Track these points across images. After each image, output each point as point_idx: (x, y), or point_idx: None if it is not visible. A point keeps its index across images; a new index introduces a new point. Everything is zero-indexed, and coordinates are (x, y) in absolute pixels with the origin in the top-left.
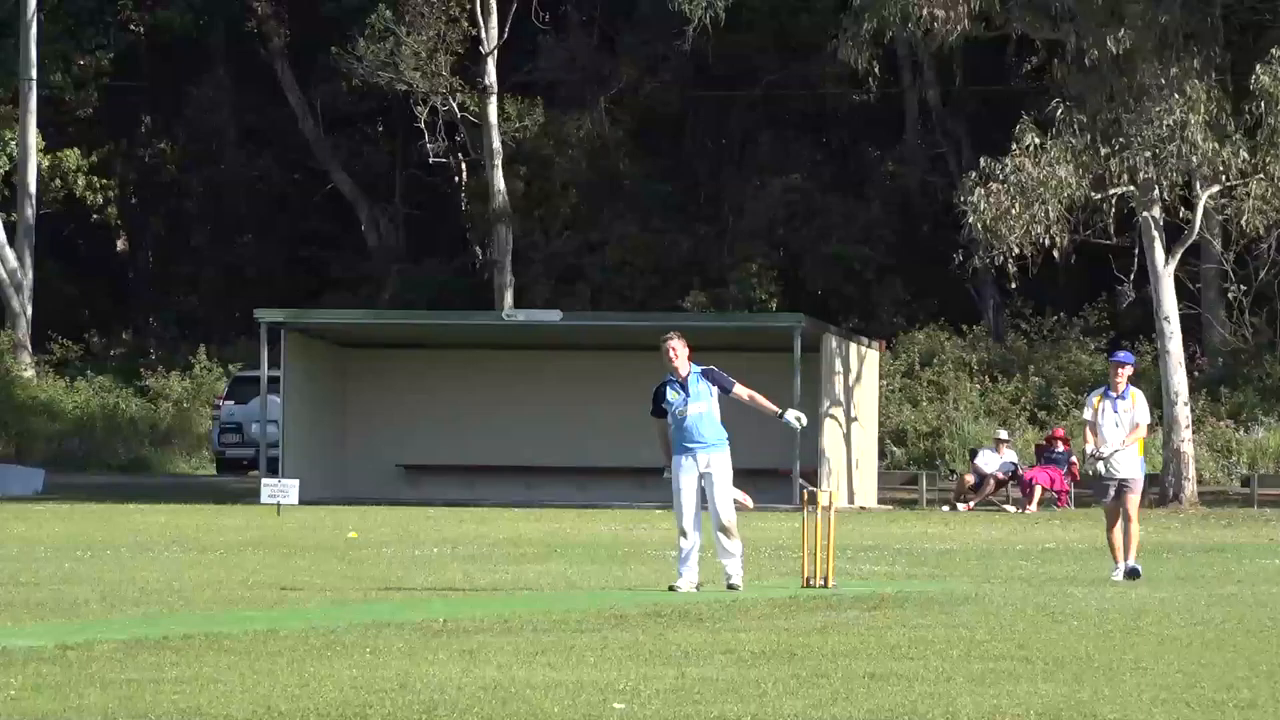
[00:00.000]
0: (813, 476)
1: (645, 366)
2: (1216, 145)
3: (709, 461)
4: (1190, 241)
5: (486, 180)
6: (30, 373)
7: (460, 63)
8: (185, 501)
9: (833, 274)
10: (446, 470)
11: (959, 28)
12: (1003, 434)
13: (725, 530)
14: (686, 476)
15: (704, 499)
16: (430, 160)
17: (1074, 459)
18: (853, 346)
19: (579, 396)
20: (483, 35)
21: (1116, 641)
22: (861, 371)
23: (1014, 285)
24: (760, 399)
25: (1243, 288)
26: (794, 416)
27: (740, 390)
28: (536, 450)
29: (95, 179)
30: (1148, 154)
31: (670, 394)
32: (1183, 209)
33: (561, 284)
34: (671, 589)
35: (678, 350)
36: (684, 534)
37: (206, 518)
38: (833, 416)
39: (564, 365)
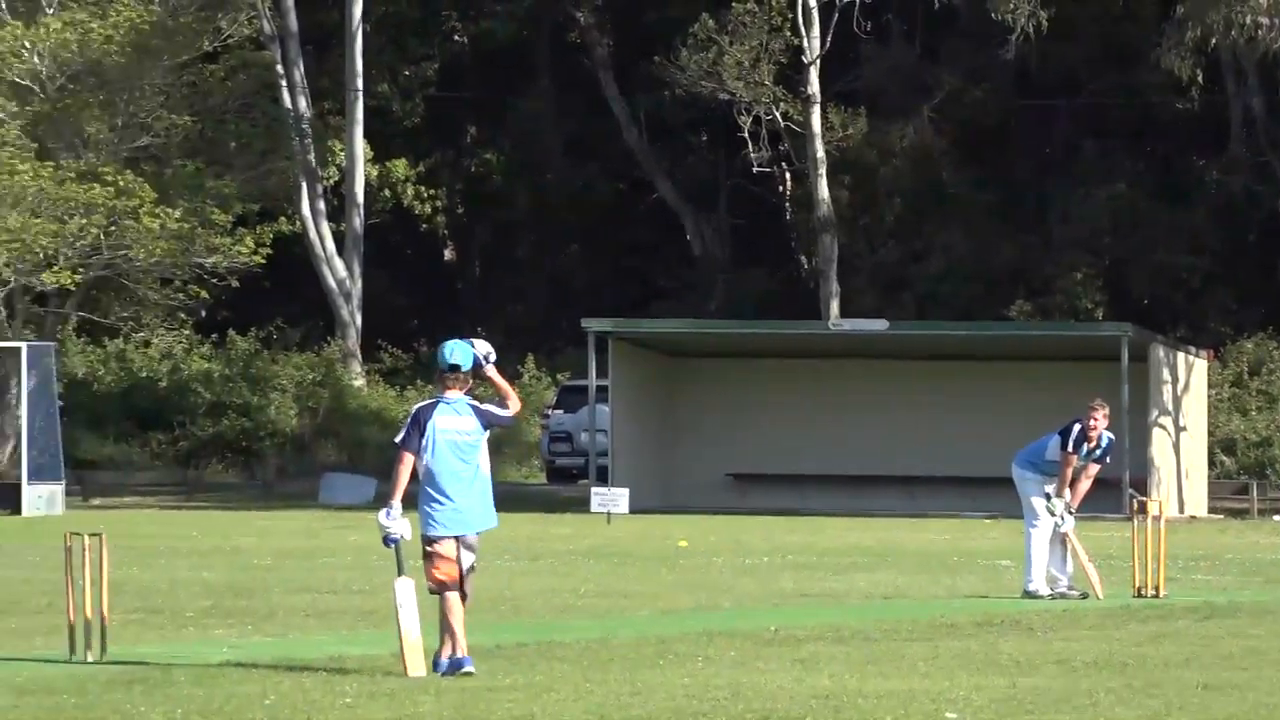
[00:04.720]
0: (1142, 486)
1: (972, 375)
2: None
3: None
4: None
5: (810, 189)
6: (360, 382)
7: (783, 72)
8: (516, 510)
9: (1159, 283)
10: (775, 480)
11: None
12: None
13: None
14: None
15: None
16: (754, 169)
17: None
18: (1180, 356)
19: (906, 406)
20: (805, 44)
21: None
22: (1189, 381)
23: None
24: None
25: None
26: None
27: None
28: (865, 460)
29: (422, 189)
30: None
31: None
32: None
33: (887, 293)
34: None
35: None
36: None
37: (537, 526)
38: (1161, 426)
39: (890, 374)
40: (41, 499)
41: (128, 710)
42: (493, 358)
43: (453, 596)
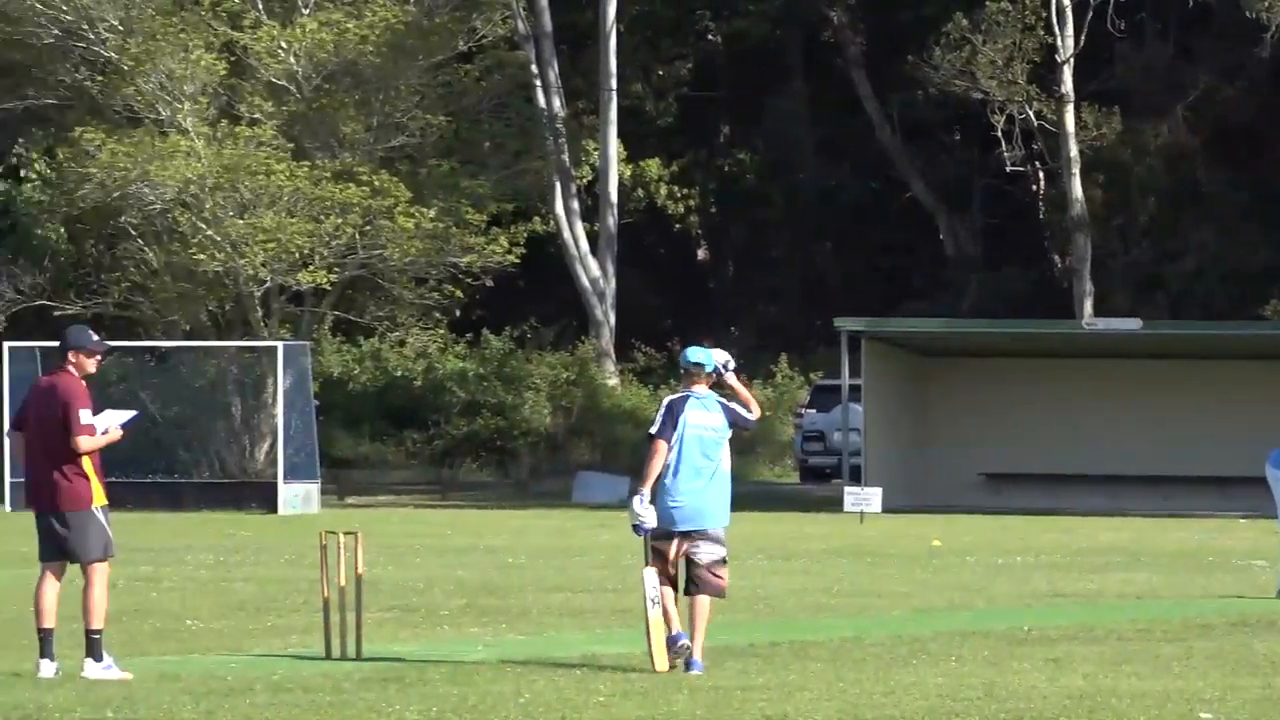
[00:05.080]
0: None
1: (1226, 375)
2: None
3: None
4: None
5: (1064, 188)
6: (614, 381)
7: (1036, 71)
8: (769, 509)
9: None
10: (1028, 479)
11: None
12: None
13: None
14: None
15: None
16: (1007, 169)
17: None
18: None
19: (1160, 405)
20: (1058, 43)
21: None
22: None
23: None
24: None
25: None
26: None
27: None
28: (1118, 459)
29: (676, 188)
30: None
31: None
32: None
33: (1140, 292)
34: None
35: None
36: None
37: (790, 525)
38: None
39: (1144, 374)
40: (297, 497)
41: (383, 708)
42: (731, 365)
43: (665, 588)
